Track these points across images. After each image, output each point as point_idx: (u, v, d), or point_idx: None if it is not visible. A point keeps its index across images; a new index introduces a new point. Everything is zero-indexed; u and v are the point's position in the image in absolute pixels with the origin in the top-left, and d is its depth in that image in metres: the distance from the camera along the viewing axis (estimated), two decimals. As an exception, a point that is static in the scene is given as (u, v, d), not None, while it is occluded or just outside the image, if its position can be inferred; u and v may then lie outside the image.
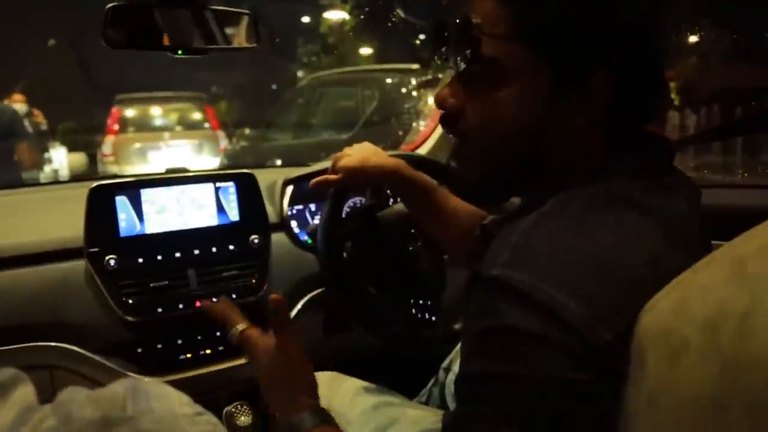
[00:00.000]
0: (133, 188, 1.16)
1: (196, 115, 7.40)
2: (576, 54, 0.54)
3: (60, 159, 7.13)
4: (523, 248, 0.50)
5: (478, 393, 0.48)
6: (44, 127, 5.85)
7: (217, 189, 1.23)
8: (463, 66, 0.59)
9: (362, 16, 10.59)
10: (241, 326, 0.81)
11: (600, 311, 0.46)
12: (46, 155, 6.35)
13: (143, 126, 7.02)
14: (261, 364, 0.76)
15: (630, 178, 0.55)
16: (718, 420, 0.40)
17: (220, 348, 1.20)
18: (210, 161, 6.77)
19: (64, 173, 6.84)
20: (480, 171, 0.62)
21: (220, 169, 1.38)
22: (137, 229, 1.16)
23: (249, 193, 1.26)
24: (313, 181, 1.02)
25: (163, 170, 1.33)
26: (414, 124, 2.26)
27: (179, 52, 0.96)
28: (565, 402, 0.45)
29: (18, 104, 5.42)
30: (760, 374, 0.38)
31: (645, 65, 0.57)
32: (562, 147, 0.58)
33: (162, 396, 0.34)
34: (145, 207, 1.16)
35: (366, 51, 11.78)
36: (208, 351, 1.20)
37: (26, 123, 4.95)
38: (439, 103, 0.63)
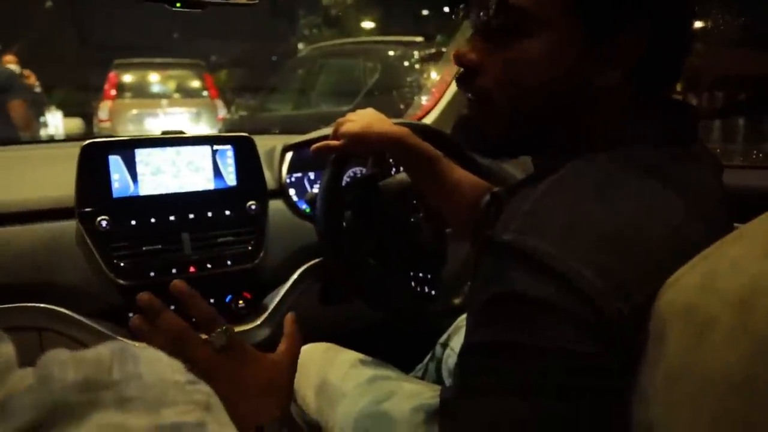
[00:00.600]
0: (128, 148, 1.12)
1: (195, 83, 7.30)
2: (609, 5, 0.51)
3: (56, 123, 7.05)
4: (538, 213, 0.47)
5: (484, 364, 0.45)
6: (37, 89, 5.74)
7: (214, 152, 1.20)
8: (485, 19, 0.55)
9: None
10: (229, 326, 0.68)
11: (618, 283, 0.43)
12: (42, 119, 6.27)
13: (141, 92, 6.92)
14: (250, 366, 0.63)
15: (653, 145, 0.52)
16: (746, 403, 0.37)
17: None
18: (207, 130, 6.71)
19: (60, 137, 6.77)
20: (497, 130, 0.59)
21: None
22: (131, 190, 1.12)
23: (247, 158, 1.23)
24: (314, 146, 0.99)
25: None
26: (416, 98, 2.22)
27: (177, 5, 0.92)
28: (575, 376, 0.42)
29: (10, 65, 5.33)
30: (794, 355, 0.35)
31: (678, 22, 0.54)
32: (588, 106, 0.55)
33: (152, 361, 0.31)
34: (139, 168, 1.13)
35: (368, 25, 11.64)
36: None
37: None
38: (458, 59, 0.59)
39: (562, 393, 0.42)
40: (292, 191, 1.35)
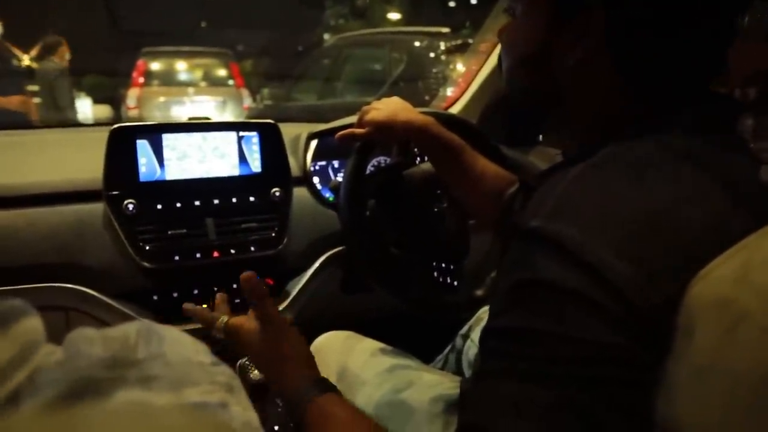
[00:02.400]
0: (155, 132, 1.13)
1: (221, 72, 7.34)
2: None
3: (84, 110, 7.16)
4: (569, 200, 0.46)
5: (507, 348, 0.44)
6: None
7: (240, 138, 1.20)
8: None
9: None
10: (224, 318, 0.79)
11: (650, 274, 0.41)
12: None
13: (168, 80, 6.99)
14: (251, 347, 0.74)
15: (688, 132, 0.50)
16: (777, 399, 0.36)
17: (237, 300, 1.18)
18: (233, 119, 6.73)
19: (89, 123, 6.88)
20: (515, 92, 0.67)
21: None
22: (157, 174, 1.13)
23: (272, 145, 1.23)
24: (339, 134, 0.98)
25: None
26: (441, 89, 2.20)
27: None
28: (600, 366, 0.41)
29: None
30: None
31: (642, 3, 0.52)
32: (576, 83, 0.58)
33: (176, 341, 0.31)
34: (166, 152, 1.14)
35: (395, 16, 11.57)
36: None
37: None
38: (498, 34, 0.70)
39: (585, 383, 0.41)
40: (316, 179, 1.35)
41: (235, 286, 1.18)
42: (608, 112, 0.56)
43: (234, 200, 1.19)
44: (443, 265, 1.21)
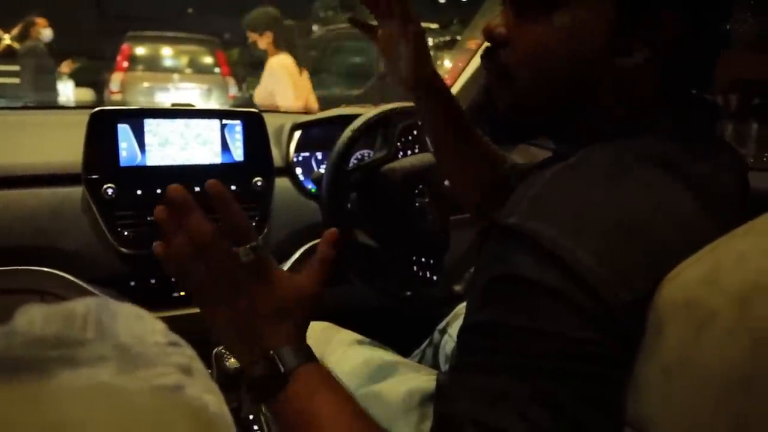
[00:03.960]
0: (137, 117, 1.12)
1: (207, 60, 7.27)
2: None
3: (67, 92, 7.04)
4: (545, 199, 0.47)
5: (483, 342, 0.45)
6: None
7: (223, 126, 1.20)
8: None
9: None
10: (261, 239, 0.67)
11: (620, 272, 0.43)
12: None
13: (153, 65, 6.89)
14: (272, 290, 0.58)
15: (669, 138, 0.51)
16: (741, 398, 0.37)
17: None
18: (218, 107, 6.68)
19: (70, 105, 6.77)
20: (512, 109, 0.58)
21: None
22: (138, 159, 1.12)
23: (256, 134, 1.23)
24: None
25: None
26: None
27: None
28: (573, 360, 0.42)
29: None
30: (793, 353, 0.35)
31: (713, 17, 0.52)
32: (610, 90, 0.54)
33: (131, 318, 0.29)
34: (147, 138, 1.13)
35: (384, 9, 11.50)
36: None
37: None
38: (487, 32, 0.58)
39: (557, 377, 0.42)
40: (298, 170, 1.35)
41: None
42: (618, 115, 0.54)
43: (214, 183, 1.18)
44: (423, 259, 1.22)
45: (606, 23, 0.51)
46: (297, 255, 1.28)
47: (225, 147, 1.20)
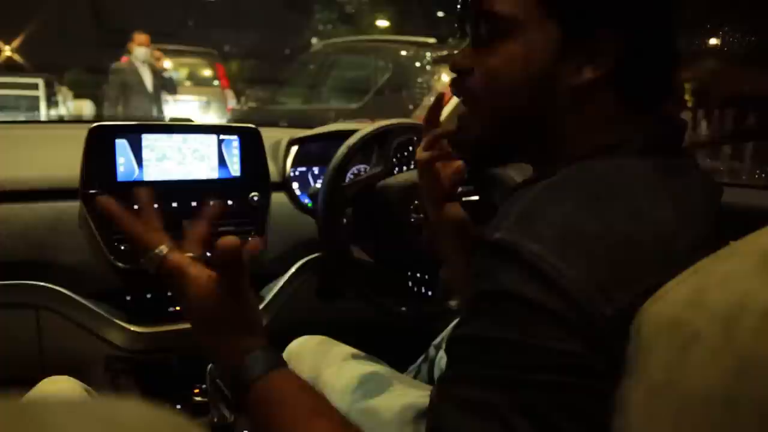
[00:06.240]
0: (135, 132, 1.13)
1: (207, 72, 7.33)
2: (582, 10, 0.54)
3: (66, 104, 7.07)
4: (529, 215, 0.49)
5: (469, 355, 0.47)
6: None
7: (220, 141, 1.20)
8: (471, 27, 0.60)
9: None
10: (164, 248, 0.67)
11: (602, 285, 0.44)
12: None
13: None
14: (193, 298, 0.64)
15: (640, 154, 0.54)
16: (725, 419, 0.37)
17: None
18: (216, 120, 6.72)
19: (69, 118, 6.79)
20: (480, 132, 0.62)
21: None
22: (135, 174, 1.13)
23: (253, 149, 1.24)
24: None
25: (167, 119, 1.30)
26: (425, 99, 2.22)
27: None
28: (556, 374, 0.43)
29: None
30: (776, 375, 0.35)
31: (657, 30, 0.56)
32: (570, 109, 0.57)
33: None
34: (145, 153, 1.14)
35: (383, 23, 11.62)
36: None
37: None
38: (452, 64, 0.63)
39: (541, 389, 0.43)
40: (295, 185, 1.35)
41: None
42: (586, 134, 0.57)
43: (212, 203, 1.19)
44: (418, 275, 1.22)
45: (549, 48, 0.55)
46: (293, 269, 1.29)
47: (222, 162, 1.21)
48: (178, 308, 1.17)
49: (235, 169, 1.22)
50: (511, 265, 0.46)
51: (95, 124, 1.11)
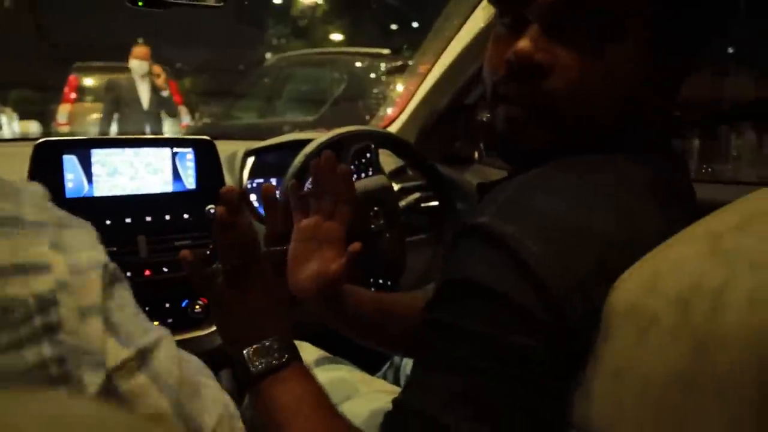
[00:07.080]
0: (83, 147, 1.10)
1: (159, 88, 7.16)
2: (686, 28, 0.51)
3: (11, 125, 6.82)
4: (514, 203, 0.47)
5: (435, 341, 0.47)
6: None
7: (174, 154, 1.18)
8: (562, 14, 0.49)
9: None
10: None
11: (581, 282, 0.44)
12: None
13: (102, 96, 6.76)
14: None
15: (627, 151, 0.52)
16: (685, 398, 0.38)
17: (170, 320, 1.15)
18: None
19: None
20: (546, 137, 0.53)
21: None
22: (85, 190, 1.10)
23: (208, 161, 1.22)
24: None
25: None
26: (381, 109, 2.23)
27: (140, 3, 0.90)
28: (513, 366, 0.43)
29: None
30: (731, 353, 0.36)
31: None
32: (633, 122, 0.54)
33: None
34: (95, 168, 1.10)
35: (337, 36, 11.65)
36: (156, 323, 1.15)
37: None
38: (524, 57, 0.50)
39: (495, 378, 0.43)
40: (253, 196, 1.34)
41: (168, 305, 1.15)
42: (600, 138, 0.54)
43: (167, 217, 1.17)
44: (380, 281, 1.22)
45: (647, 64, 0.50)
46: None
47: (177, 175, 1.18)
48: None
49: (190, 182, 1.20)
50: (491, 251, 0.44)
51: (41, 140, 1.07)
